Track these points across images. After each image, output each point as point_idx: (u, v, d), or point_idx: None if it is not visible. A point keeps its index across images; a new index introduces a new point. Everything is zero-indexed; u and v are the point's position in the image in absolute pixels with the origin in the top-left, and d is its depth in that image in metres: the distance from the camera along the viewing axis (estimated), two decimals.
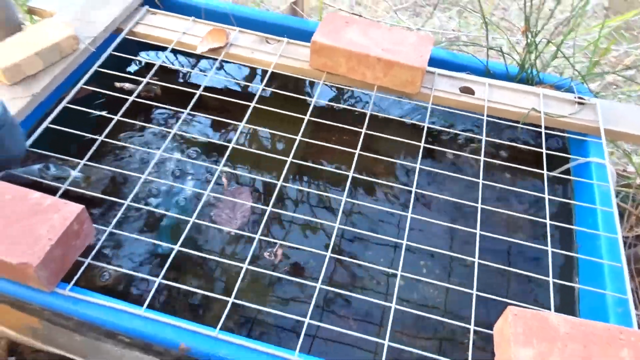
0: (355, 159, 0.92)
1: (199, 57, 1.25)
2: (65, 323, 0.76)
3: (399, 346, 0.71)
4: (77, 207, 0.74)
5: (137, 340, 0.72)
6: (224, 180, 1.03)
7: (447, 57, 1.18)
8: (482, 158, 0.97)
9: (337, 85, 1.21)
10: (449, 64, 1.16)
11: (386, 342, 0.71)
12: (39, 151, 0.89)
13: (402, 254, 0.83)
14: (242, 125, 0.96)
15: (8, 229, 0.70)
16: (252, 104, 0.99)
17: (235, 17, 1.21)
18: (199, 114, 1.05)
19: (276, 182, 0.88)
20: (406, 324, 0.84)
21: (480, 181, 0.92)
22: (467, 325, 0.73)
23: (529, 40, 1.15)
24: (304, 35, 1.15)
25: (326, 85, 1.22)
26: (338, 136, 1.10)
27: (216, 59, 1.09)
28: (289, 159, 0.90)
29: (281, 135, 1.07)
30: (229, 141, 0.97)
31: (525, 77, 1.17)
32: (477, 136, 1.10)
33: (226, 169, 1.03)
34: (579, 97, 1.07)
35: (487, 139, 1.02)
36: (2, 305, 0.79)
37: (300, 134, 0.95)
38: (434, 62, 1.14)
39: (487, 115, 1.04)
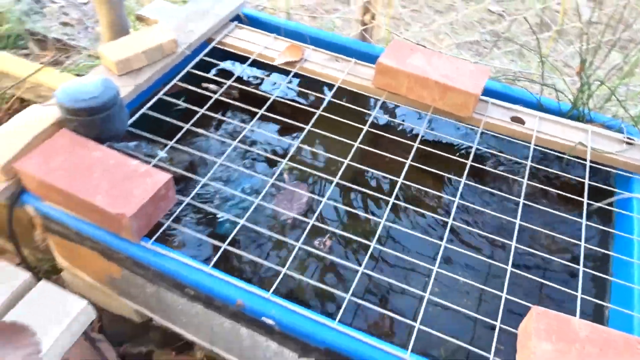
0: (406, 168, 1.01)
1: (271, 71, 1.40)
2: (143, 272, 0.89)
3: (430, 330, 0.78)
4: (166, 176, 0.88)
5: (201, 294, 0.84)
6: (285, 175, 1.15)
7: (501, 90, 1.26)
8: (525, 180, 1.04)
9: (393, 109, 1.31)
10: (503, 96, 1.24)
11: (417, 325, 0.78)
12: (136, 131, 1.05)
13: (439, 257, 0.90)
14: (307, 127, 1.09)
15: (111, 186, 0.85)
16: (319, 112, 1.12)
17: (310, 37, 1.36)
18: (271, 114, 1.18)
19: (332, 178, 0.99)
20: (437, 315, 0.91)
21: (521, 200, 0.99)
22: (494, 322, 0.79)
23: (582, 81, 1.21)
24: (370, 58, 1.28)
25: (382, 110, 1.33)
26: (391, 149, 1.20)
27: (291, 71, 1.23)
28: (346, 161, 1.01)
29: (340, 141, 1.18)
30: (294, 141, 1.10)
31: (577, 114, 1.23)
32: (524, 161, 1.16)
33: (291, 163, 1.15)
34: (628, 138, 1.12)
35: (533, 164, 1.09)
36: (94, 253, 0.93)
37: (358, 140, 1.06)
38: (489, 92, 1.22)
39: (535, 145, 1.11)
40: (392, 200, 0.96)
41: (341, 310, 0.79)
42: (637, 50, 1.20)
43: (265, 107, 1.12)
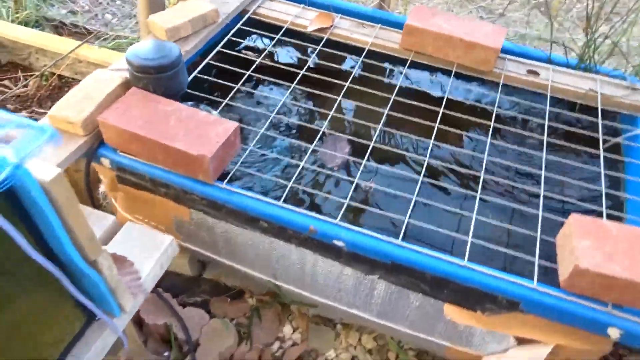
0: (435, 131, 1.12)
1: (303, 41, 1.50)
2: (216, 213, 0.99)
3: (484, 242, 0.89)
4: (234, 124, 0.97)
5: (274, 225, 0.94)
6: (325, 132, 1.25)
7: (514, 48, 1.38)
8: (546, 122, 1.16)
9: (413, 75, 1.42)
10: (517, 54, 1.36)
11: (470, 238, 0.89)
12: (191, 92, 1.14)
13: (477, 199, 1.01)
14: (346, 84, 1.19)
15: (187, 134, 0.94)
16: (355, 71, 1.22)
17: (334, 7, 1.46)
18: (313, 74, 1.28)
19: (375, 126, 1.09)
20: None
21: (545, 138, 1.11)
22: (535, 234, 0.91)
23: (589, 37, 1.34)
24: (391, 25, 1.38)
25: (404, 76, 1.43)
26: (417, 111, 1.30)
27: (323, 37, 1.33)
28: (386, 110, 1.12)
29: (374, 98, 1.28)
30: (337, 94, 1.20)
31: (584, 68, 1.35)
32: (541, 105, 1.27)
33: (335, 114, 1.25)
34: (632, 84, 1.25)
35: (551, 109, 1.21)
36: (164, 199, 1.03)
37: (393, 95, 1.16)
38: (503, 51, 1.34)
39: (550, 94, 1.23)
40: (431, 141, 1.07)
41: (402, 231, 0.90)
42: (637, 8, 1.33)
43: (305, 69, 1.22)
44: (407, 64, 1.29)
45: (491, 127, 1.13)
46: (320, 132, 1.09)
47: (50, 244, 0.64)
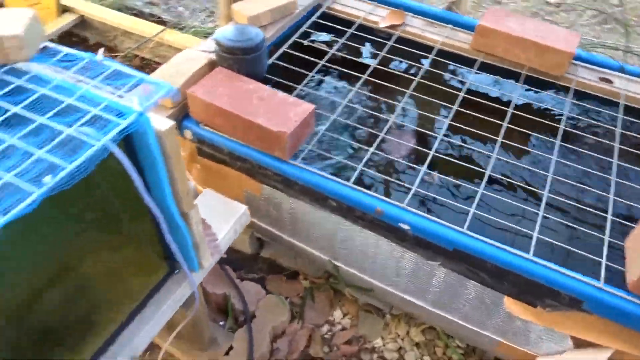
0: (504, 129, 1.13)
1: (374, 37, 1.54)
2: (287, 189, 1.04)
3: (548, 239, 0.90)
4: (311, 106, 1.02)
5: (342, 205, 0.98)
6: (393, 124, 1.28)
7: (586, 56, 1.37)
8: (619, 129, 1.15)
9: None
10: (588, 61, 1.35)
11: (535, 234, 0.90)
12: (267, 76, 1.20)
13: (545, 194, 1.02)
14: (416, 78, 1.22)
15: (268, 112, 1.00)
16: (424, 67, 1.25)
17: (406, 6, 1.49)
18: (383, 67, 1.32)
19: (442, 119, 1.11)
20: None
21: (617, 145, 1.10)
22: (602, 236, 0.91)
23: None
24: (460, 26, 1.40)
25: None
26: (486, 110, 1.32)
27: (394, 34, 1.37)
28: (454, 107, 1.14)
29: (439, 103, 1.30)
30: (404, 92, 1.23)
31: None
32: (613, 113, 1.26)
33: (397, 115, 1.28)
34: None
35: (625, 117, 1.19)
36: (239, 173, 1.09)
37: (462, 92, 1.18)
38: (575, 58, 1.33)
39: (625, 102, 1.21)
40: (500, 138, 1.09)
41: (467, 220, 0.92)
42: None
43: (376, 62, 1.26)
44: (477, 65, 1.31)
45: (560, 131, 1.13)
46: (389, 123, 1.13)
47: (153, 193, 0.70)
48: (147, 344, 0.82)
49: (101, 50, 0.67)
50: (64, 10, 1.70)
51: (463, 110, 1.17)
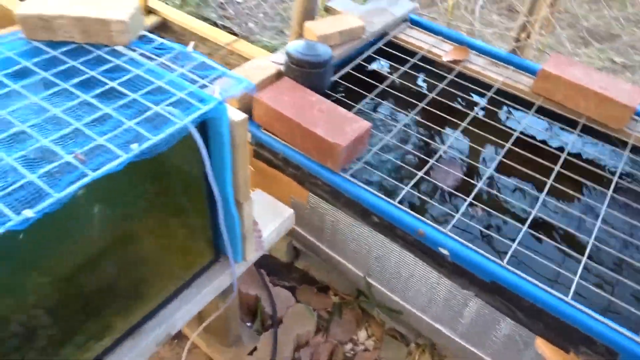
0: (555, 173, 1.13)
1: (435, 69, 1.58)
2: (333, 200, 1.07)
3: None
4: (368, 123, 1.06)
5: (385, 222, 1.00)
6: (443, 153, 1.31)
7: None
8: None
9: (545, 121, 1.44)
10: None
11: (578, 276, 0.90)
12: (329, 92, 1.26)
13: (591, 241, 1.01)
14: (473, 110, 1.24)
15: (326, 123, 1.05)
16: (482, 104, 1.27)
17: (470, 44, 1.53)
18: (441, 98, 1.35)
19: (493, 154, 1.13)
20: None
21: None
22: None
23: None
24: (522, 69, 1.42)
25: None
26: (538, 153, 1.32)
27: (455, 68, 1.41)
28: (506, 145, 1.15)
29: (493, 140, 1.32)
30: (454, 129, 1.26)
31: None
32: None
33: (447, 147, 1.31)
34: None
35: None
36: (289, 179, 1.13)
37: (516, 132, 1.20)
38: (637, 114, 1.32)
39: None
40: (549, 181, 1.09)
41: (508, 255, 0.92)
42: None
43: (435, 92, 1.29)
44: (535, 108, 1.32)
45: (613, 183, 1.12)
46: (440, 152, 1.15)
47: (216, 179, 0.75)
48: (184, 323, 0.86)
49: (192, 43, 0.74)
50: (149, 11, 1.84)
51: (516, 149, 1.18)
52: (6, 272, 0.57)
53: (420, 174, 1.08)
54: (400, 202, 1.01)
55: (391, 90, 1.32)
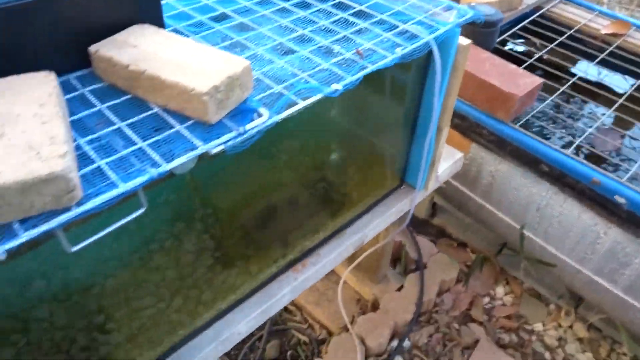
0: None
1: (592, 42, 1.58)
2: (497, 150, 1.13)
3: None
4: (539, 79, 1.11)
5: (555, 171, 1.05)
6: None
7: None
8: None
9: None
10: None
11: None
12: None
13: None
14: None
15: (499, 76, 1.11)
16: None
17: (629, 21, 1.51)
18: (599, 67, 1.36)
19: None
20: None
21: None
22: None
23: None
24: None
25: None
26: None
27: (613, 42, 1.40)
28: None
29: None
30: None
31: None
32: None
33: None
34: None
35: None
36: (452, 130, 1.21)
37: None
38: None
39: None
40: None
41: None
42: None
43: (594, 62, 1.30)
44: None
45: None
46: (601, 119, 1.17)
47: (424, 104, 0.85)
48: (373, 234, 0.96)
49: None
50: None
51: None
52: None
53: (589, 130, 1.11)
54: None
55: (549, 57, 1.35)
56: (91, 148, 0.47)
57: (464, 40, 0.78)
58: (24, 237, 0.39)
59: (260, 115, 0.53)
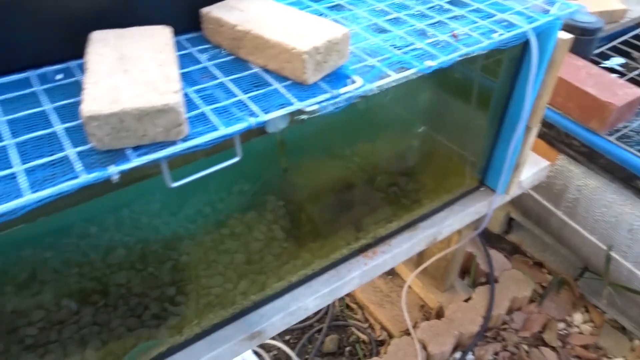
0: None
1: None
2: (588, 163, 1.07)
3: None
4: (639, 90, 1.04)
5: None
6: None
7: None
8: None
9: None
10: None
11: None
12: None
13: None
14: None
15: (596, 84, 1.05)
16: None
17: None
18: None
19: None
20: None
21: None
22: None
23: None
24: None
25: None
26: None
27: None
28: None
29: None
30: None
31: None
32: None
33: None
34: None
35: None
36: (538, 139, 1.16)
37: None
38: None
39: None
40: None
41: None
42: None
43: None
44: None
45: None
46: None
47: (513, 102, 0.82)
48: (448, 233, 0.94)
49: None
50: None
51: None
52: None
53: None
54: None
55: None
56: (197, 96, 0.51)
57: (564, 35, 0.75)
58: (135, 162, 0.43)
59: (354, 82, 0.55)
